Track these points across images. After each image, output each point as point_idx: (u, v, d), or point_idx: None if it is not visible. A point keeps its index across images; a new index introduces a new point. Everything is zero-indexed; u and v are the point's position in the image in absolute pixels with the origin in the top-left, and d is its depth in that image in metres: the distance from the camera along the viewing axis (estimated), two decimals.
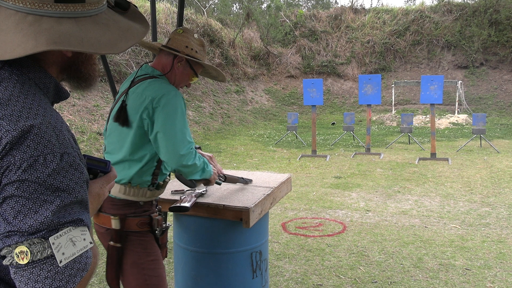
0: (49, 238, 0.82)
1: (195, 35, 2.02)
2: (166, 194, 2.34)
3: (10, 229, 0.82)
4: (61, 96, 1.05)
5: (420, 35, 19.36)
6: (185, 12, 15.99)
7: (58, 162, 0.86)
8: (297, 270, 3.72)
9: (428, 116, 14.49)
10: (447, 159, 8.61)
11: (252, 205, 2.09)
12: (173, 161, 1.85)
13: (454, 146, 10.31)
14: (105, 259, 1.93)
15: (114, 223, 1.86)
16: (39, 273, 0.82)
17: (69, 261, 0.85)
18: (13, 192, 0.82)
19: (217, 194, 2.32)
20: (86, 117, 9.14)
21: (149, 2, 3.87)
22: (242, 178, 2.50)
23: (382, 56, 19.48)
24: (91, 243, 0.90)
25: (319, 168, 8.24)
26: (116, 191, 1.87)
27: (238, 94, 16.62)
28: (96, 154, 7.81)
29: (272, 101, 17.83)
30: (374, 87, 9.50)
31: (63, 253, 0.84)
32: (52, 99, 1.02)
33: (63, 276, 0.84)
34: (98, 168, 1.10)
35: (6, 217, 0.82)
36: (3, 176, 0.83)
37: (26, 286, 0.82)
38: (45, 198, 0.83)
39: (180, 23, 3.91)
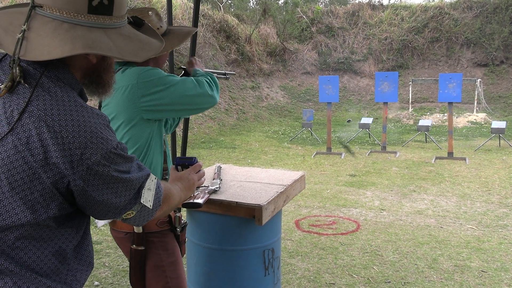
0: (140, 201, 1.15)
1: (149, 12, 1.91)
2: None
3: (115, 206, 1.10)
4: (83, 99, 1.15)
5: (439, 32, 19.05)
6: (201, 7, 16.01)
7: (118, 151, 1.07)
8: (309, 268, 3.70)
9: (445, 114, 14.29)
10: (464, 159, 8.48)
11: (265, 203, 2.08)
12: (207, 102, 1.94)
13: (472, 146, 10.15)
14: (124, 262, 1.94)
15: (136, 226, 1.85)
16: (140, 215, 1.18)
17: (153, 201, 1.19)
18: (105, 185, 1.06)
19: (230, 191, 2.32)
20: None
21: None
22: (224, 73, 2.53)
23: (400, 53, 19.23)
24: (155, 178, 1.21)
25: (334, 166, 8.19)
26: None
27: (254, 90, 16.60)
28: None
29: (288, 98, 17.76)
30: (391, 84, 9.39)
31: (149, 200, 1.17)
32: None
33: (151, 212, 1.21)
34: (186, 163, 1.58)
35: (108, 199, 1.08)
36: (89, 175, 1.02)
37: (133, 222, 1.20)
38: (125, 178, 1.09)
39: (196, 19, 3.90)
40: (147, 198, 1.17)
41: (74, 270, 1.11)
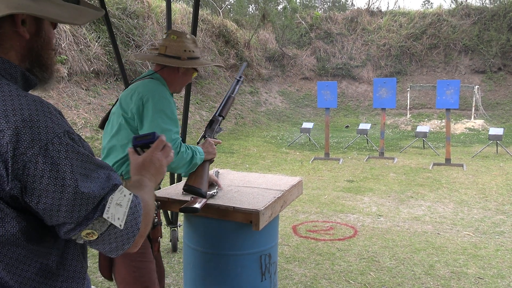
0: (103, 216, 0.90)
1: (188, 36, 2.12)
2: (177, 194, 2.35)
3: (65, 221, 0.88)
4: (30, 84, 1.02)
5: (437, 39, 19.15)
6: (201, 12, 16.05)
7: (65, 140, 0.88)
8: (306, 274, 3.70)
9: (443, 120, 14.32)
10: (462, 165, 8.50)
11: (262, 208, 2.09)
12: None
13: (469, 152, 10.17)
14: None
15: None
16: (108, 238, 0.93)
17: (126, 221, 0.94)
18: (45, 188, 0.85)
19: (227, 196, 2.32)
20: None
21: (165, 2, 3.90)
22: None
23: (398, 59, 19.32)
24: (130, 194, 0.97)
25: (332, 171, 8.20)
26: None
27: (252, 95, 16.62)
28: None
29: (286, 103, 17.79)
30: (389, 90, 9.42)
31: (118, 218, 0.92)
32: (22, 87, 0.99)
33: (126, 236, 0.95)
34: (146, 142, 1.25)
35: (53, 212, 0.87)
36: (26, 175, 0.84)
37: (102, 249, 0.95)
38: (80, 185, 0.87)
39: (195, 24, 3.92)
40: (115, 215, 0.92)
41: (70, 279, 1.01)
